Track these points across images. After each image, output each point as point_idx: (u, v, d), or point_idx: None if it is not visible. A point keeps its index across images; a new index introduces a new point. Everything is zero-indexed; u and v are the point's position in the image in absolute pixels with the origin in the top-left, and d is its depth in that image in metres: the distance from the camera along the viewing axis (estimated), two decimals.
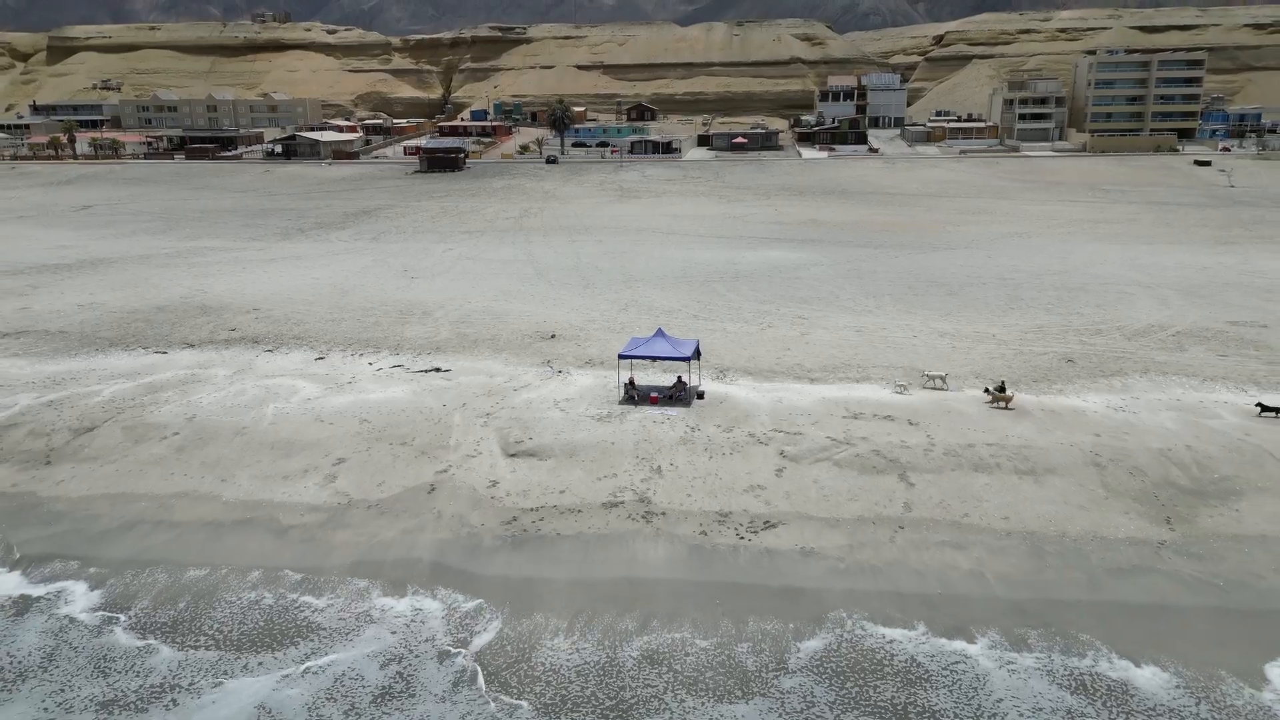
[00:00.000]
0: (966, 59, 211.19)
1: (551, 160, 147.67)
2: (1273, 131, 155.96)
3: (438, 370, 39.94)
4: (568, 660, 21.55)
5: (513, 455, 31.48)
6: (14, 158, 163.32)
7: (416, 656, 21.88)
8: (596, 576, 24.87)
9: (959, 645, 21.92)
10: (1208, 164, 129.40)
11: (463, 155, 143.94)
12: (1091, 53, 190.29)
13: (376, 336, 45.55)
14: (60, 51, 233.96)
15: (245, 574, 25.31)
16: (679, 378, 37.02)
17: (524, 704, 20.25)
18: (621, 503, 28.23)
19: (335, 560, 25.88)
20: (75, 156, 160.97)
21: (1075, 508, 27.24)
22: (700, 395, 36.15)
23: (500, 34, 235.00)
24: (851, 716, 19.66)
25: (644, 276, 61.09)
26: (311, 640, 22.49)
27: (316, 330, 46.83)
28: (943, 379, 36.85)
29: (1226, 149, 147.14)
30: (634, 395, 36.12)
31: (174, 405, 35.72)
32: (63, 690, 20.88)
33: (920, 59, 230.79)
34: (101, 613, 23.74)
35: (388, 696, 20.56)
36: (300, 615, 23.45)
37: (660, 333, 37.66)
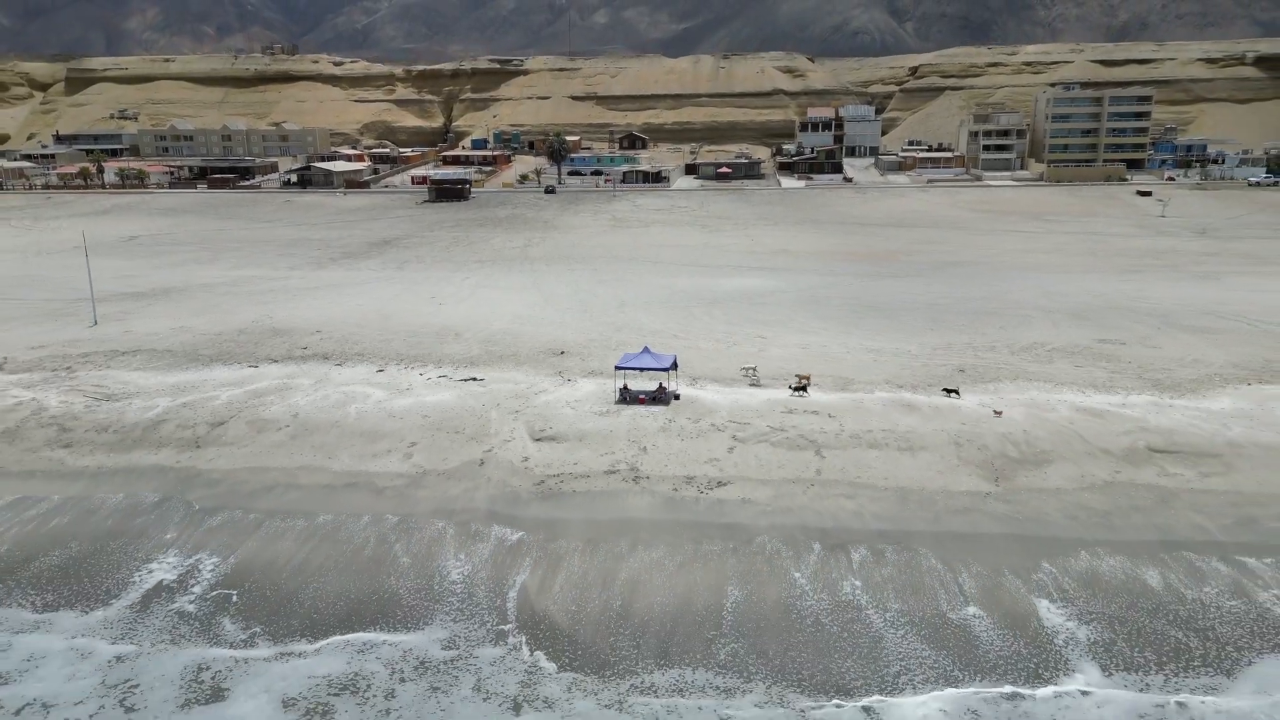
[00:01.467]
0: (939, 90, 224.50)
1: (550, 190, 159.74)
2: (1217, 162, 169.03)
3: (474, 379, 51.51)
4: (581, 566, 33.07)
5: (537, 440, 43.06)
6: (45, 187, 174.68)
7: (482, 563, 33.39)
8: (599, 518, 36.36)
9: (840, 555, 33.51)
10: (1149, 194, 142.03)
11: (468, 186, 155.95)
12: (1054, 85, 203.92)
13: (422, 353, 57.12)
14: (79, 82, 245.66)
15: (359, 518, 36.77)
16: (660, 384, 48.68)
17: (555, 585, 31.79)
18: (617, 471, 39.83)
19: (420, 509, 37.36)
20: (104, 186, 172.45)
21: (935, 472, 38.95)
22: (676, 397, 47.78)
23: (498, 66, 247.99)
24: (770, 594, 31.22)
25: (634, 302, 72.81)
26: (412, 553, 33.99)
27: (372, 348, 58.39)
28: (753, 370, 50.94)
29: (1171, 178, 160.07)
30: (627, 397, 47.75)
31: (278, 406, 47.25)
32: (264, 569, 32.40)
33: (897, 89, 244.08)
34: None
35: (469, 581, 32.03)
36: (402, 539, 34.95)
37: (646, 349, 49.40)
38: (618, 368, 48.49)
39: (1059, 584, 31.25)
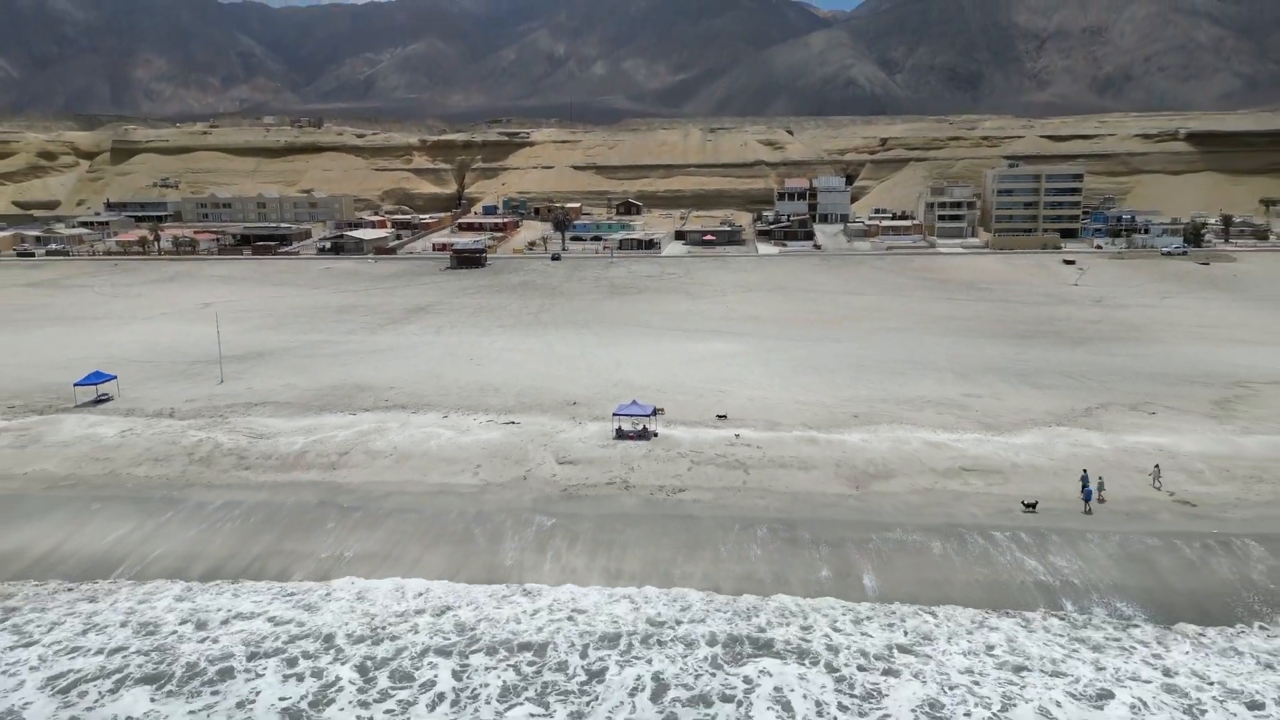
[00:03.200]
0: (904, 161, 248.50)
1: (556, 257, 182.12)
2: (1144, 231, 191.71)
3: (513, 423, 72.78)
4: (591, 538, 54.10)
5: (561, 463, 64.26)
6: (107, 253, 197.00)
7: (529, 538, 54.42)
8: (602, 512, 57.33)
9: (750, 531, 54.52)
10: (1073, 262, 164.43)
11: (484, 254, 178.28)
12: (1007, 158, 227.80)
13: (472, 404, 78.46)
14: (123, 153, 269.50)
15: (449, 513, 57.71)
16: (644, 426, 69.96)
17: (576, 549, 52.84)
18: (614, 483, 60.96)
19: (487, 507, 58.36)
20: (160, 253, 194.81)
21: (818, 482, 60.16)
22: (655, 435, 69.03)
23: (507, 138, 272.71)
24: (706, 554, 52.25)
25: (627, 362, 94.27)
26: (486, 534, 55.01)
27: (435, 400, 79.74)
28: (724, 417, 70.32)
29: (1099, 246, 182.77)
30: (621, 435, 69.02)
31: (380, 441, 68.49)
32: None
33: (869, 157, 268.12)
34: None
35: (521, 548, 53.04)
36: (478, 525, 55.97)
37: (635, 402, 70.83)
38: (614, 414, 69.84)
39: (879, 549, 52.27)
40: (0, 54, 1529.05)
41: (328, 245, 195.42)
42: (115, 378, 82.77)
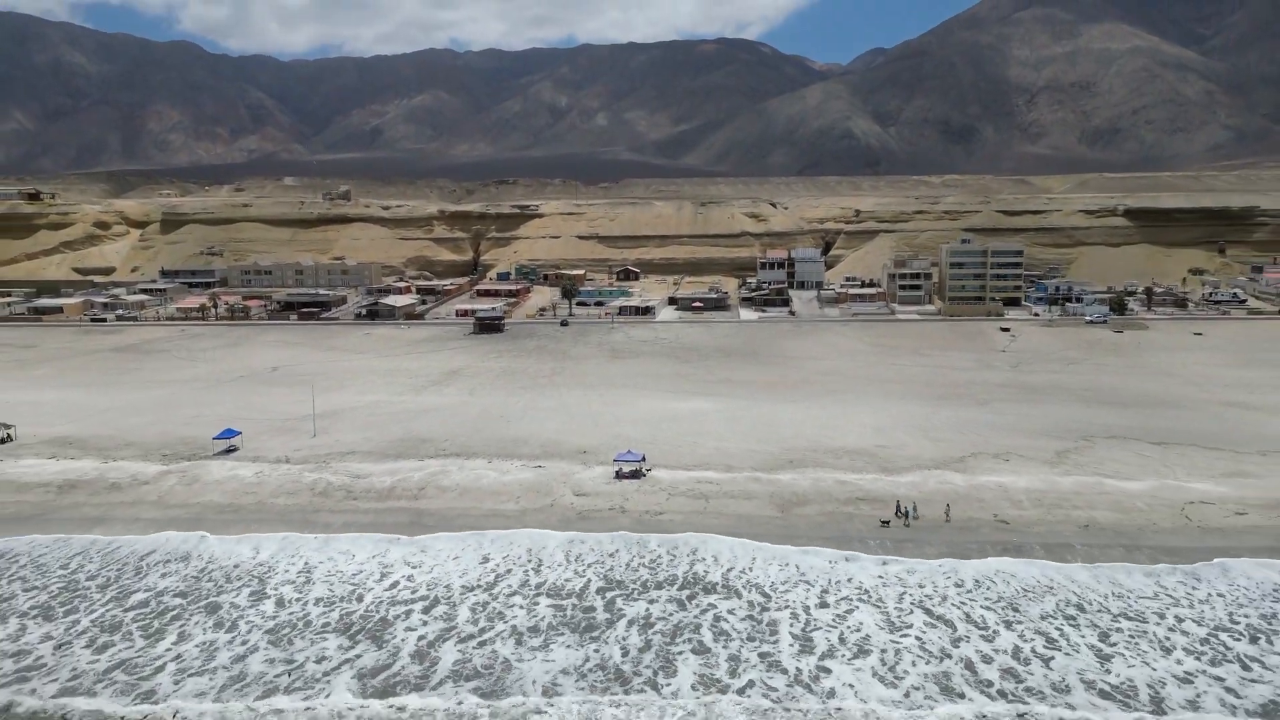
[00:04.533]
0: (875, 233, 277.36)
1: (564, 323, 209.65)
2: (1078, 300, 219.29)
3: (540, 466, 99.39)
4: (600, 546, 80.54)
5: (576, 495, 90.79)
6: (169, 319, 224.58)
7: (557, 544, 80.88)
8: (606, 527, 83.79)
9: (703, 534, 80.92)
10: (1007, 329, 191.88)
11: (502, 320, 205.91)
12: (966, 230, 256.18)
13: (508, 453, 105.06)
14: (173, 224, 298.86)
15: (501, 530, 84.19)
16: (637, 468, 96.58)
17: (588, 550, 79.31)
18: (614, 509, 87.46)
19: (527, 524, 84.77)
20: (217, 318, 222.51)
21: (756, 508, 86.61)
22: (644, 475, 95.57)
23: (519, 211, 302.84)
24: (681, 552, 78.71)
25: (624, 419, 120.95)
26: (540, 524, 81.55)
27: (480, 450, 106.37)
28: (706, 462, 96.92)
29: (1037, 314, 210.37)
30: (620, 475, 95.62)
31: (446, 480, 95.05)
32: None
33: (845, 227, 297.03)
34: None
35: (554, 551, 79.52)
36: (525, 530, 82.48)
37: (630, 451, 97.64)
38: (614, 460, 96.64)
39: (787, 550, 78.46)
40: (14, 106, 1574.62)
41: (364, 311, 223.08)
42: (241, 433, 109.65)
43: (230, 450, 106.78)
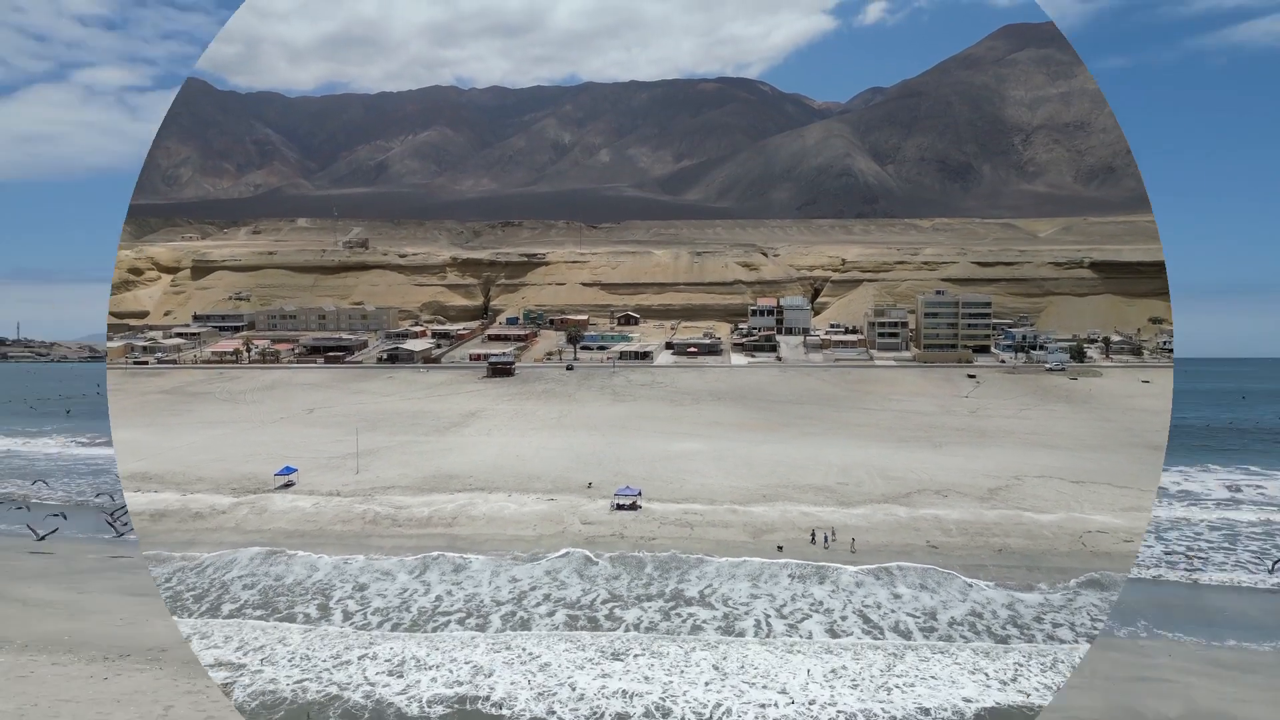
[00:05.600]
0: (859, 281, 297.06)
1: (570, 367, 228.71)
2: (1041, 348, 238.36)
3: (552, 499, 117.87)
4: (602, 564, 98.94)
5: (583, 524, 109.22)
6: (205, 362, 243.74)
7: (566, 562, 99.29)
8: (609, 550, 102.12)
9: (685, 560, 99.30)
10: (973, 376, 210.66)
11: (513, 364, 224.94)
12: (943, 280, 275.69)
13: (524, 487, 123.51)
14: (202, 270, 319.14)
15: (524, 552, 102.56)
16: (633, 501, 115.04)
17: (595, 567, 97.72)
18: (614, 535, 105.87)
19: (542, 547, 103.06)
20: (250, 361, 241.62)
21: (732, 534, 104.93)
22: (640, 507, 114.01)
23: (526, 259, 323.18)
24: (665, 562, 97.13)
25: (623, 457, 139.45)
26: (553, 549, 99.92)
27: (500, 484, 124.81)
28: (695, 499, 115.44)
29: (1003, 361, 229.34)
30: (619, 507, 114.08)
31: (474, 510, 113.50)
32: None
33: (832, 275, 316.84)
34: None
35: (563, 569, 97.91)
36: (538, 557, 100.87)
37: (627, 486, 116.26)
38: (615, 494, 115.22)
39: (755, 562, 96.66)
40: None
41: (385, 355, 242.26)
42: (298, 470, 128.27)
43: (288, 485, 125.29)
